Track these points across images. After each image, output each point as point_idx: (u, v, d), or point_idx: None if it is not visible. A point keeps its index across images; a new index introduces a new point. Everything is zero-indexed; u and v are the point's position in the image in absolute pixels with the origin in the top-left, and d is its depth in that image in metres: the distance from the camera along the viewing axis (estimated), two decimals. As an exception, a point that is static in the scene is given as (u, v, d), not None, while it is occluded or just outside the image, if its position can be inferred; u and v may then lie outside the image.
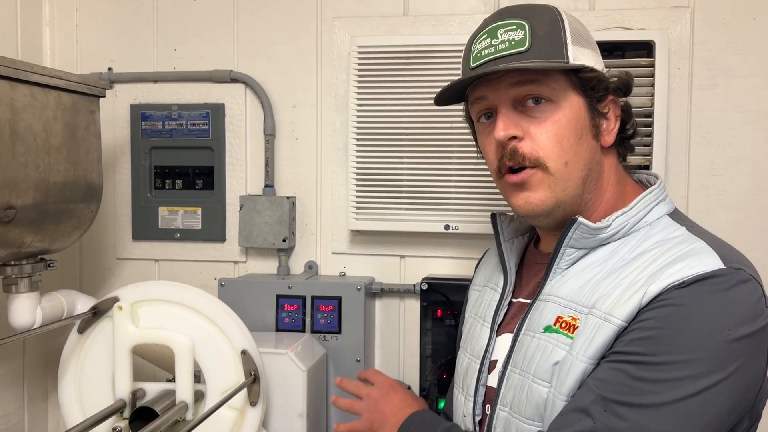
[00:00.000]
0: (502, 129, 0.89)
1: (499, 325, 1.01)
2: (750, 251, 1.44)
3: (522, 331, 0.93)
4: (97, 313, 1.25)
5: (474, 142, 1.05)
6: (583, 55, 0.91)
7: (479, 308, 1.08)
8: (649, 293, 0.80)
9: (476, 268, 1.23)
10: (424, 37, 1.51)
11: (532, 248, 1.07)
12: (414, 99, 1.49)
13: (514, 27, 0.90)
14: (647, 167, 1.41)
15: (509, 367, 0.93)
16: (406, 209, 1.52)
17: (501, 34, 0.90)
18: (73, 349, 1.27)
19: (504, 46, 0.89)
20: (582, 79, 0.91)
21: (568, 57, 0.89)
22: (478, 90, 0.94)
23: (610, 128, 0.95)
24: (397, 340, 1.61)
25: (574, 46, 0.90)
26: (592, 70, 0.91)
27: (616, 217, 0.90)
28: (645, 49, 1.43)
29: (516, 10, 0.92)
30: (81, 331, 1.26)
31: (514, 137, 0.89)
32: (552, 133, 0.89)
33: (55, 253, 1.37)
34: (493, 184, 1.47)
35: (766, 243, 1.45)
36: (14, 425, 1.60)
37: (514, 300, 1.02)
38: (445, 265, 1.58)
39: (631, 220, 0.90)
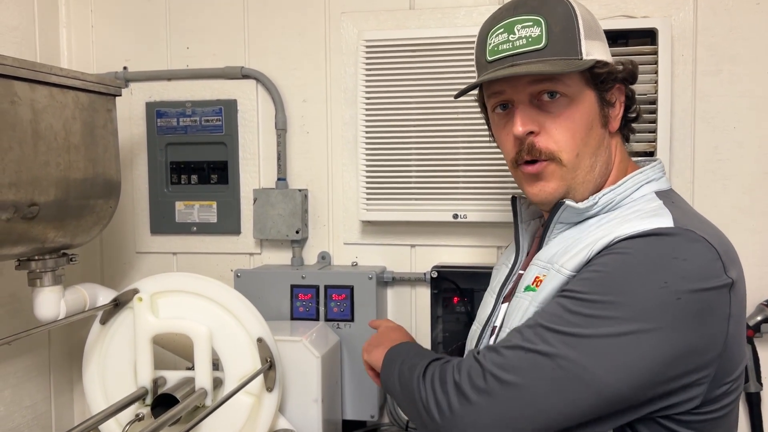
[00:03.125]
0: (521, 125, 0.94)
1: (505, 296, 1.07)
2: (755, 235, 1.47)
3: (513, 295, 1.00)
4: (118, 305, 1.30)
5: (486, 128, 1.10)
6: (594, 49, 0.95)
7: (493, 283, 1.14)
8: (598, 246, 0.86)
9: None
10: (430, 30, 1.53)
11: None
12: (421, 91, 1.52)
13: (530, 23, 0.93)
14: (652, 153, 1.43)
15: (503, 329, 0.99)
16: (416, 199, 1.55)
17: (518, 30, 0.94)
18: (96, 340, 1.32)
19: (521, 43, 0.93)
20: (594, 75, 0.95)
21: (581, 53, 0.93)
22: (496, 85, 0.98)
23: (616, 114, 1.00)
24: (408, 327, 1.64)
25: (586, 41, 0.94)
26: (604, 64, 0.95)
27: (603, 195, 0.95)
28: (649, 36, 1.45)
29: (532, 5, 0.94)
30: (103, 322, 1.31)
31: (531, 132, 0.95)
32: (566, 128, 0.94)
33: (76, 247, 1.42)
34: (500, 174, 1.51)
35: (772, 226, 1.46)
36: (42, 414, 1.66)
37: (521, 272, 1.07)
38: (455, 254, 1.61)
39: (617, 198, 0.95)
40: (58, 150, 1.24)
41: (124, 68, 1.73)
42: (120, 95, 1.44)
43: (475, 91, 1.07)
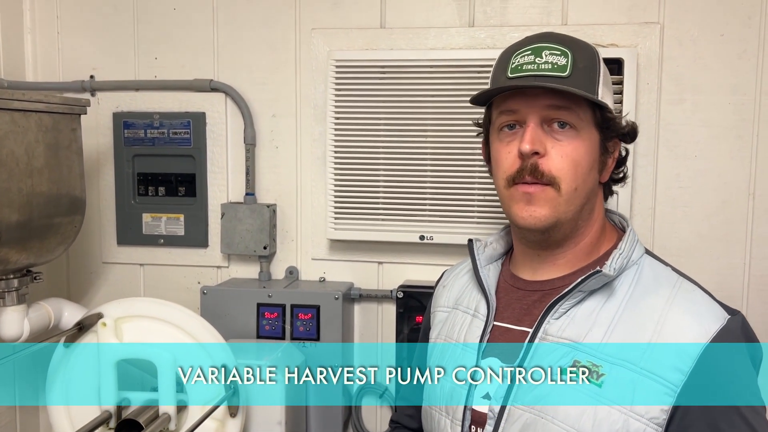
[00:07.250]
0: (529, 142, 0.94)
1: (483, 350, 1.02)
2: (714, 261, 1.51)
3: (525, 367, 0.95)
4: (82, 328, 1.30)
5: (478, 149, 1.12)
6: (607, 96, 0.98)
7: (453, 331, 1.09)
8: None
9: (435, 290, 1.25)
10: (401, 51, 1.53)
11: (508, 272, 1.10)
12: (390, 113, 1.53)
13: (558, 53, 0.95)
14: (615, 181, 1.46)
15: (511, 402, 0.94)
16: (383, 220, 1.56)
17: (545, 55, 0.95)
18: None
19: (546, 67, 0.94)
20: (603, 118, 0.98)
21: (597, 94, 0.96)
22: (512, 102, 0.98)
23: (609, 166, 1.03)
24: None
25: (603, 87, 0.97)
26: (611, 111, 0.98)
27: (615, 260, 0.95)
28: (615, 63, 1.47)
29: (561, 38, 0.98)
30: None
31: (536, 153, 0.95)
32: (571, 158, 0.95)
33: (42, 265, 1.41)
34: (467, 198, 1.52)
35: (729, 253, 1.50)
36: (6, 424, 1.66)
37: (496, 323, 1.04)
38: (422, 271, 1.63)
39: (625, 261, 0.96)
40: (20, 175, 1.23)
41: (91, 77, 1.71)
42: (85, 113, 1.42)
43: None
